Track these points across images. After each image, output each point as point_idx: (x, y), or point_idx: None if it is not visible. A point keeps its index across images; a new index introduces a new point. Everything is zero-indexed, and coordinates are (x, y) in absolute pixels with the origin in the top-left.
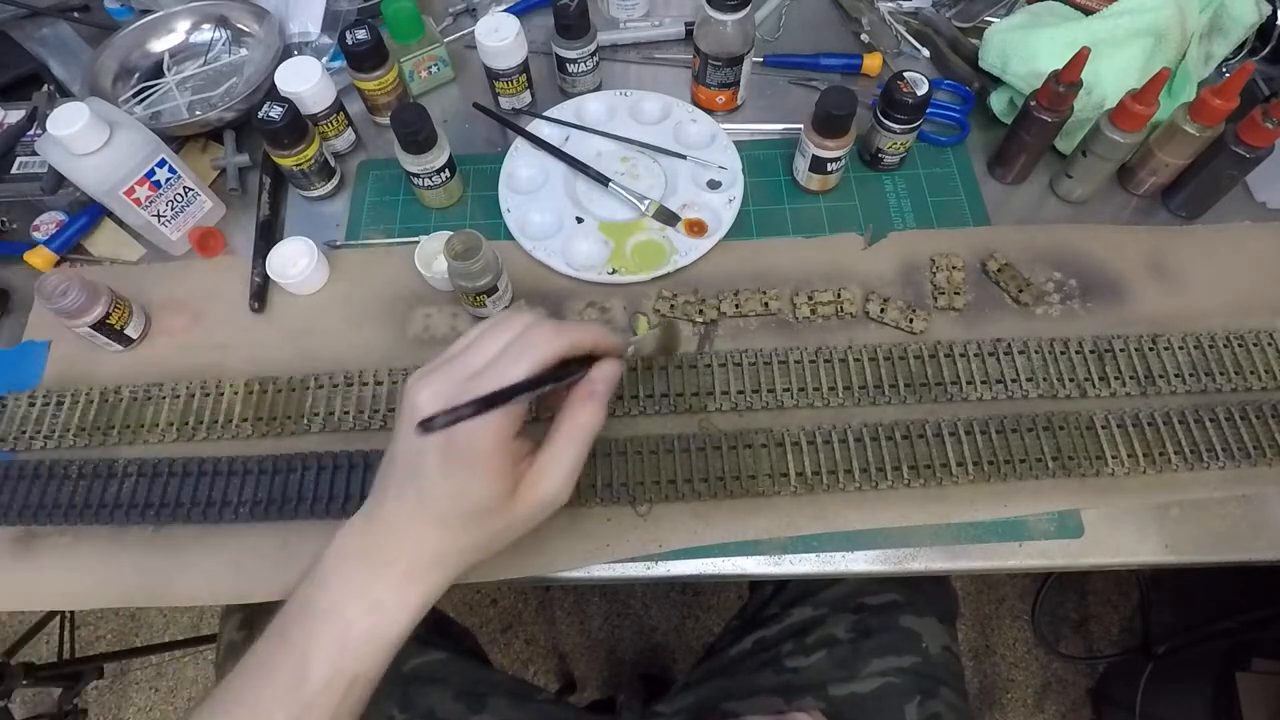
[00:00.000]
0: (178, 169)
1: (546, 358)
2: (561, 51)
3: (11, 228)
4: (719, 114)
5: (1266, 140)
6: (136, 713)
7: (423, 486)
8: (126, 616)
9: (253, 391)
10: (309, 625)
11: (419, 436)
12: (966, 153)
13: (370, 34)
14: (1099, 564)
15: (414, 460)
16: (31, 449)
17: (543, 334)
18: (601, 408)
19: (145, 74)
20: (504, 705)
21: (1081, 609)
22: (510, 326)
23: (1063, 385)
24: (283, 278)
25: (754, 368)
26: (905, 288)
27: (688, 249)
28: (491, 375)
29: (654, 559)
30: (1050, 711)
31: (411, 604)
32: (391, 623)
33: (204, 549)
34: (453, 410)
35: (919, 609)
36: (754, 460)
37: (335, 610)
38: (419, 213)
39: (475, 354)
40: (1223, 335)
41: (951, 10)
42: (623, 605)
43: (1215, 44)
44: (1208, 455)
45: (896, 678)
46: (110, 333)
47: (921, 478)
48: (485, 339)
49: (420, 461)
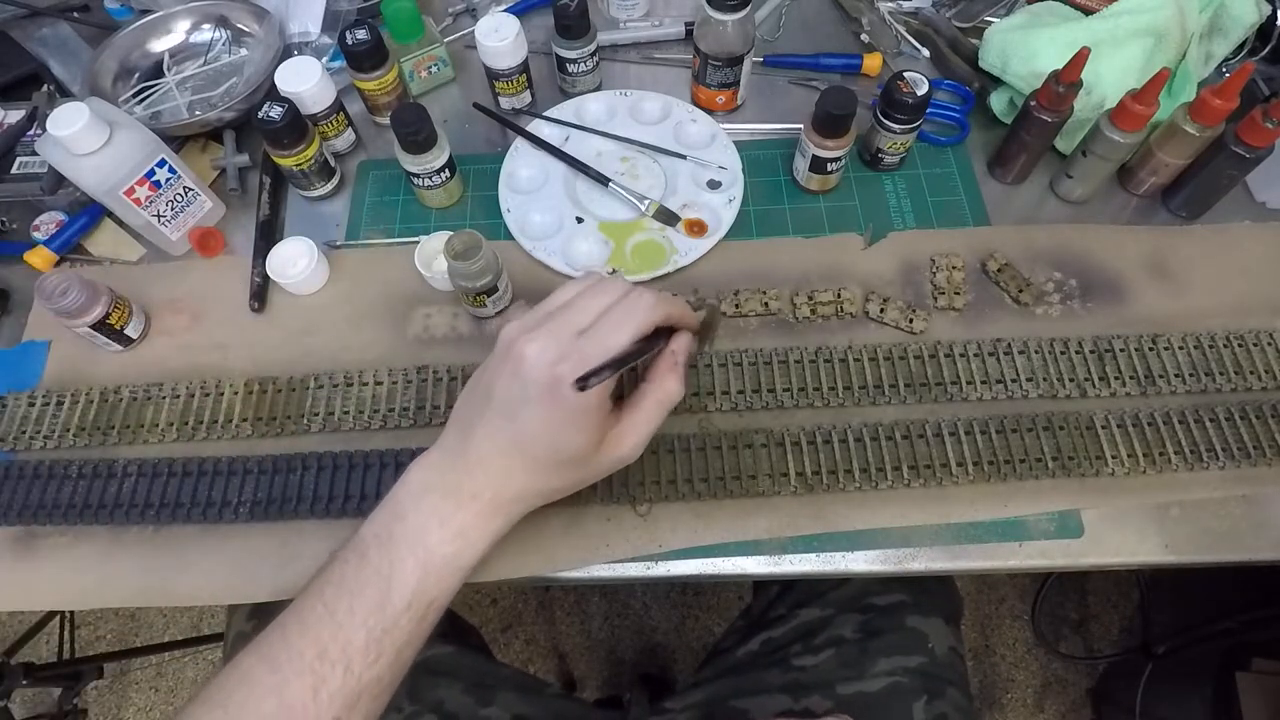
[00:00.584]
0: (178, 169)
1: (646, 325)
2: (561, 51)
3: (11, 228)
4: (719, 114)
5: (1266, 140)
6: (136, 713)
7: (521, 430)
8: (126, 616)
9: (253, 391)
10: (391, 551)
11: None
12: (966, 153)
13: (370, 34)
14: (1099, 564)
15: (514, 404)
16: (31, 449)
17: (646, 302)
18: (684, 378)
19: (145, 74)
20: (512, 699)
21: (1081, 609)
22: (609, 290)
23: (1063, 385)
24: (283, 278)
25: (754, 368)
26: (905, 288)
27: (688, 249)
28: (598, 336)
29: (654, 559)
30: (1050, 711)
31: (492, 531)
32: (473, 550)
33: (204, 549)
34: (598, 370)
35: (925, 609)
36: (754, 460)
37: (418, 538)
38: (419, 213)
39: (579, 312)
40: (1223, 335)
41: (951, 10)
42: (623, 605)
43: (1215, 44)
44: (1208, 455)
45: (904, 677)
46: (110, 333)
47: (921, 478)
48: (587, 297)
49: (522, 407)
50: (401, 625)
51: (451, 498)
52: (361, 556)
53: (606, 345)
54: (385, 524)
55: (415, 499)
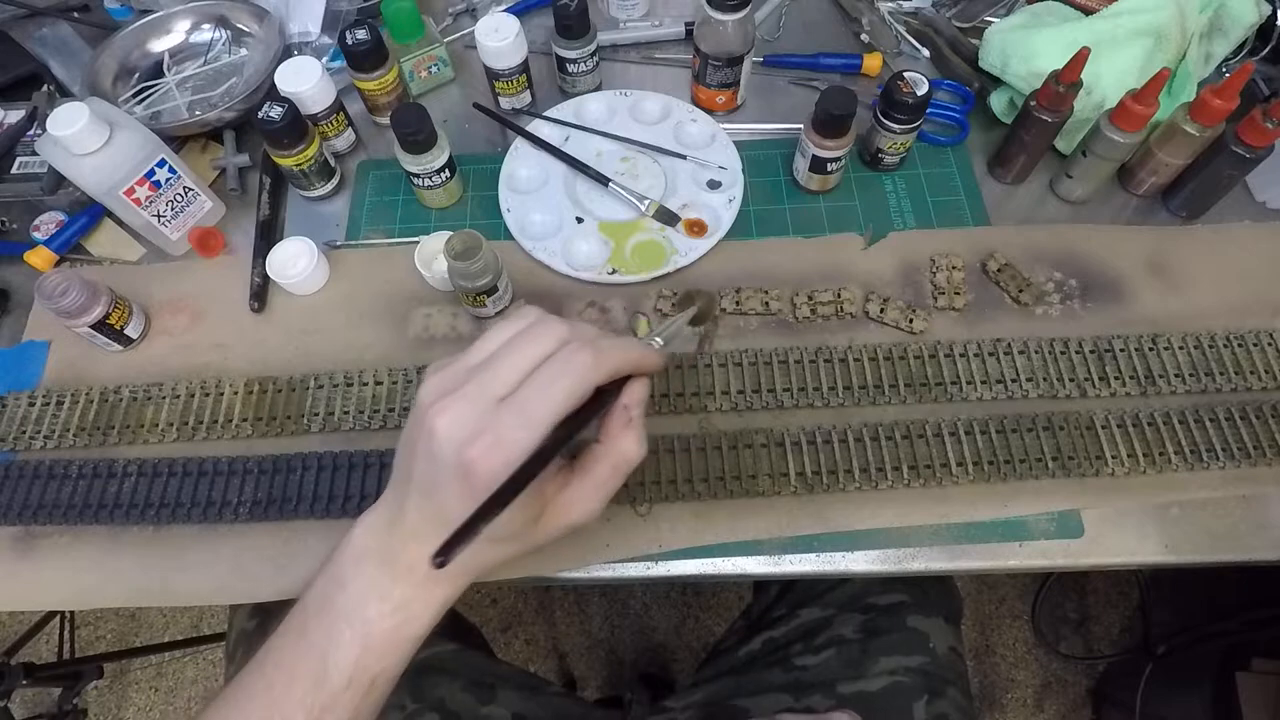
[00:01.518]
0: (178, 169)
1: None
2: (561, 51)
3: (11, 228)
4: (719, 114)
5: (1266, 140)
6: (136, 713)
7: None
8: (126, 616)
9: (253, 391)
10: (329, 625)
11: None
12: (966, 153)
13: (370, 34)
14: (1099, 564)
15: (431, 485)
16: (31, 449)
17: (582, 361)
18: (643, 436)
19: (145, 74)
20: (513, 697)
21: (1081, 609)
22: (540, 338)
23: (1063, 385)
24: (283, 278)
25: (754, 368)
26: (905, 288)
27: (688, 249)
28: (520, 404)
29: (654, 559)
30: (1050, 711)
31: (437, 602)
32: (418, 622)
33: (204, 549)
34: (463, 535)
35: (926, 609)
36: (754, 460)
37: (356, 611)
38: (419, 213)
39: (503, 370)
40: (1223, 335)
41: (951, 10)
42: (623, 605)
43: (1215, 44)
44: (1208, 455)
45: (905, 677)
46: (110, 333)
47: (921, 478)
48: (515, 349)
49: (437, 490)
50: (343, 702)
51: (388, 568)
52: (301, 628)
53: (530, 417)
54: (325, 591)
55: (355, 564)
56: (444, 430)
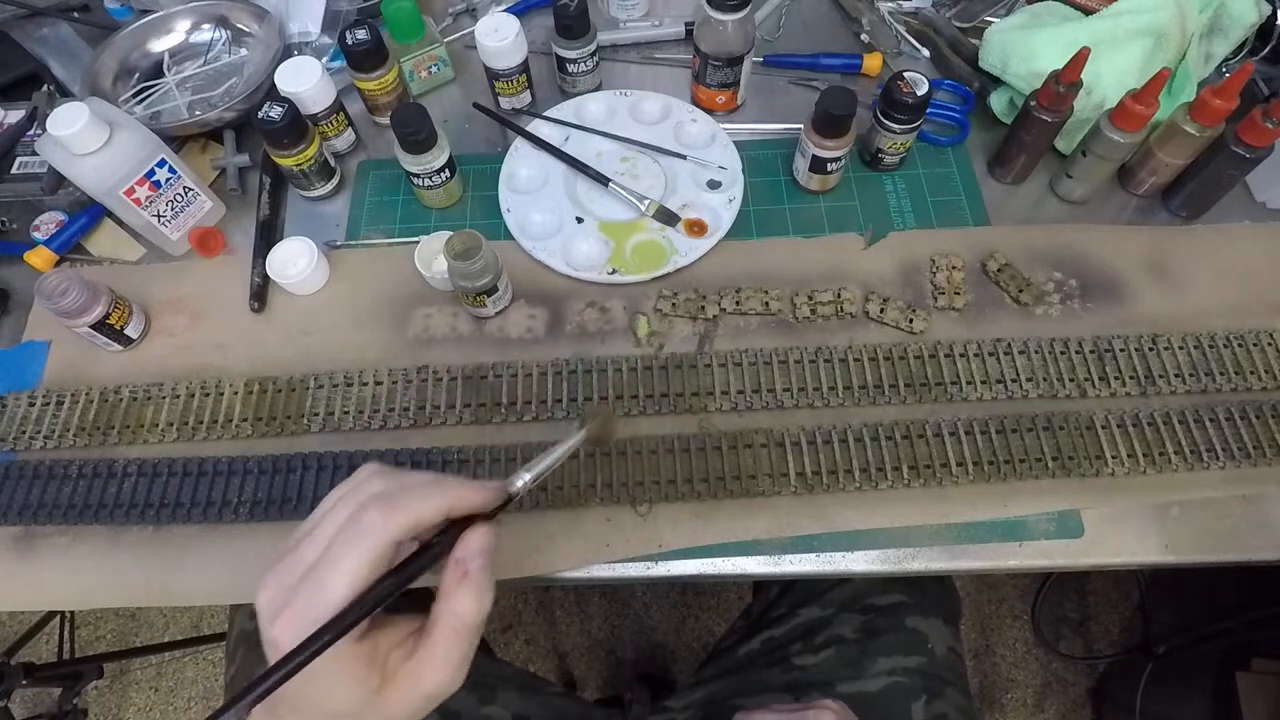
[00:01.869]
0: (178, 169)
1: (379, 549)
2: (561, 51)
3: (11, 228)
4: (719, 114)
5: (1266, 140)
6: (136, 713)
7: (284, 691)
8: (126, 616)
9: (252, 391)
10: None
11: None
12: (966, 153)
13: (370, 34)
14: (1099, 564)
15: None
16: (31, 449)
17: (370, 522)
18: (482, 590)
19: (145, 74)
20: (514, 698)
21: (1081, 609)
22: (345, 503)
23: (1063, 385)
24: (283, 278)
25: (754, 368)
26: (905, 288)
27: (688, 249)
28: (316, 580)
29: (654, 559)
30: (1050, 711)
31: None
32: None
33: (204, 549)
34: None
35: (925, 610)
36: (754, 460)
37: None
38: (419, 213)
39: (306, 543)
40: (1223, 335)
41: (951, 10)
42: (623, 605)
43: (1215, 44)
44: (1208, 455)
45: (904, 677)
46: (110, 333)
47: (921, 478)
48: (322, 520)
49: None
50: None
51: None
52: None
53: (324, 586)
54: None
55: None
56: (262, 606)
